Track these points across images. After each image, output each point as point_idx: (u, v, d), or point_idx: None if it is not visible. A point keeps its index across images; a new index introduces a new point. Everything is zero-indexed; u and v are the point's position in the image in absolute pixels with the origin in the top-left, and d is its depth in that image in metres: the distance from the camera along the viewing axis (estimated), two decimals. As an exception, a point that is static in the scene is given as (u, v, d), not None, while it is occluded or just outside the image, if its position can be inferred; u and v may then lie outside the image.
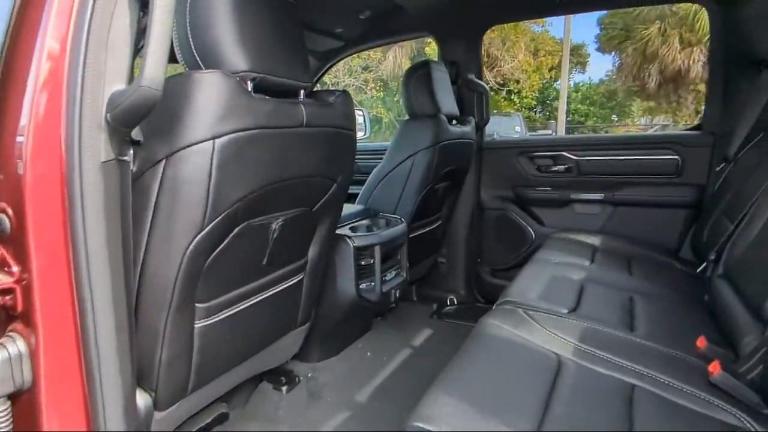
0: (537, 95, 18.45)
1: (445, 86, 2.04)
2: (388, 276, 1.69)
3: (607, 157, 2.18)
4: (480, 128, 2.40)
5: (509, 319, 1.12)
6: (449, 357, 1.01)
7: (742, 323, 1.04)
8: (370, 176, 1.99)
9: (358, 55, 16.14)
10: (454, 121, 2.13)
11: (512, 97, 17.86)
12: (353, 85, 16.29)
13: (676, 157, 2.02)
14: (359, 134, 3.32)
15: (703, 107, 2.06)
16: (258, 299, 1.17)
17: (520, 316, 1.14)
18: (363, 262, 1.53)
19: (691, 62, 14.37)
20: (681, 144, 2.01)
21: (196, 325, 1.01)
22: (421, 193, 1.92)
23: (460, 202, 2.45)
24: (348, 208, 1.84)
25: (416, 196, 1.91)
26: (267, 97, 0.96)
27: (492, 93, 16.94)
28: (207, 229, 0.89)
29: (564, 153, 2.27)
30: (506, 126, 11.89)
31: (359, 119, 3.40)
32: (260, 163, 0.95)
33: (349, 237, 1.51)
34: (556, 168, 2.30)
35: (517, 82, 17.16)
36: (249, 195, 0.94)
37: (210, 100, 0.83)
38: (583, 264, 1.66)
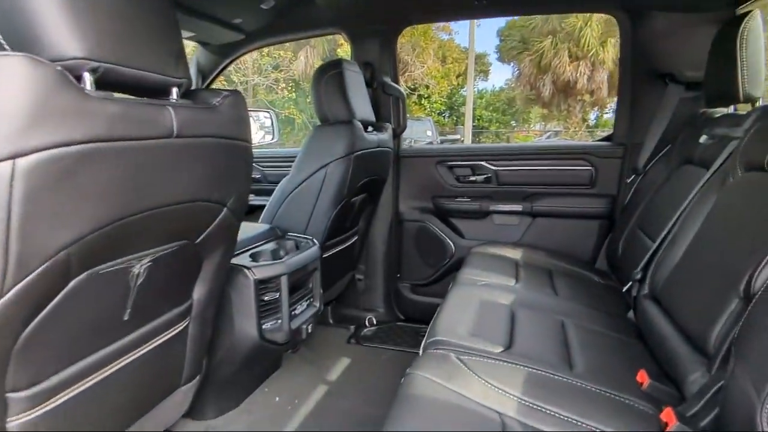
0: (446, 100, 19.15)
1: (360, 89, 1.85)
2: (299, 309, 1.45)
3: (525, 167, 2.13)
4: (397, 135, 2.24)
5: (441, 369, 0.95)
6: (369, 396, 0.80)
7: (683, 355, 0.97)
8: (276, 190, 1.73)
9: (267, 53, 15.47)
10: (370, 128, 1.94)
11: (423, 102, 18.33)
12: (263, 85, 15.57)
13: (590, 168, 2.02)
14: (267, 138, 3.02)
15: (592, 115, 2.09)
16: (120, 365, 0.88)
17: (452, 363, 0.97)
18: (267, 297, 1.27)
19: (578, 75, 15.83)
20: (594, 155, 2.01)
21: (10, 423, 0.70)
22: (336, 207, 1.70)
23: (378, 214, 2.28)
24: (249, 229, 1.56)
25: (330, 211, 1.69)
26: (118, 96, 0.69)
27: (404, 97, 17.26)
28: (9, 295, 0.59)
29: (483, 163, 2.19)
30: (418, 130, 12.06)
31: (266, 122, 3.08)
32: (103, 191, 0.66)
33: (249, 268, 1.24)
34: (474, 178, 2.22)
35: (427, 87, 17.66)
36: (86, 236, 0.66)
37: (9, 97, 0.55)
38: (509, 284, 1.56)
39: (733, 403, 0.74)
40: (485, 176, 2.19)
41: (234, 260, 1.28)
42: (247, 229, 1.56)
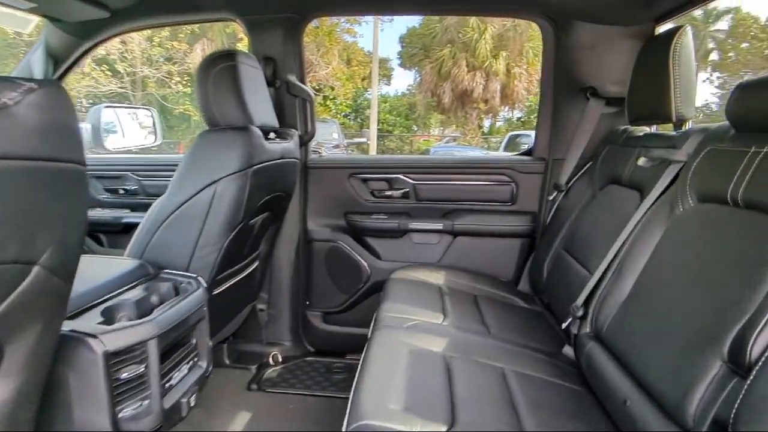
0: (351, 103, 19.08)
1: (259, 88, 1.53)
2: (177, 377, 1.09)
3: (445, 182, 1.97)
4: (305, 143, 1.95)
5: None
6: None
7: (651, 423, 0.82)
8: (148, 214, 1.35)
9: (159, 44, 14.01)
10: (272, 135, 1.63)
11: (328, 103, 18.08)
12: (154, 77, 14.11)
13: (511, 183, 1.92)
14: (149, 140, 2.52)
15: (487, 123, 2.02)
16: None
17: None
18: (125, 374, 0.91)
19: (474, 84, 16.73)
20: (515, 170, 1.91)
21: None
22: (230, 233, 1.37)
23: (283, 234, 1.96)
24: (108, 268, 1.17)
25: (222, 238, 1.35)
26: None
27: (308, 97, 16.82)
28: None
29: (400, 176, 1.98)
30: (324, 132, 11.71)
31: (146, 120, 2.57)
32: None
33: (95, 336, 0.87)
34: (391, 192, 2.01)
35: (332, 88, 17.42)
36: None
37: None
38: (437, 322, 1.36)
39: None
40: (403, 191, 1.99)
41: (74, 323, 0.90)
42: (104, 269, 1.17)
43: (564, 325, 1.25)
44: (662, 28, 1.56)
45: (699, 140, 1.08)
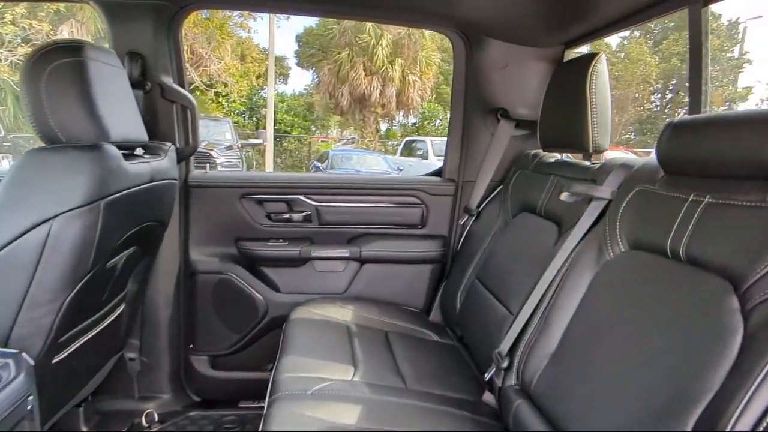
0: (246, 101, 18.12)
1: (120, 93, 1.20)
2: None
3: (352, 204, 1.79)
4: (185, 158, 1.63)
5: None
6: None
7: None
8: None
9: (12, 21, 11.83)
10: (139, 151, 1.31)
11: (221, 100, 16.97)
12: (8, 60, 11.89)
13: (422, 205, 1.80)
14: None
15: (383, 127, 1.93)
16: None
17: None
18: None
19: (371, 88, 16.91)
20: (425, 191, 1.80)
21: None
22: (75, 285, 1.03)
23: (159, 268, 1.63)
24: None
25: (63, 293, 1.01)
26: None
27: (198, 93, 15.60)
28: None
29: (301, 197, 1.76)
30: (215, 131, 10.86)
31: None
32: None
33: None
34: (291, 215, 1.77)
35: (225, 85, 16.38)
36: None
37: None
38: (345, 379, 1.17)
39: None
40: (304, 213, 1.77)
41: None
42: None
43: (487, 376, 1.14)
44: (572, 53, 1.56)
45: (623, 178, 1.04)
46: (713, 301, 0.68)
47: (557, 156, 1.47)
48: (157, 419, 1.66)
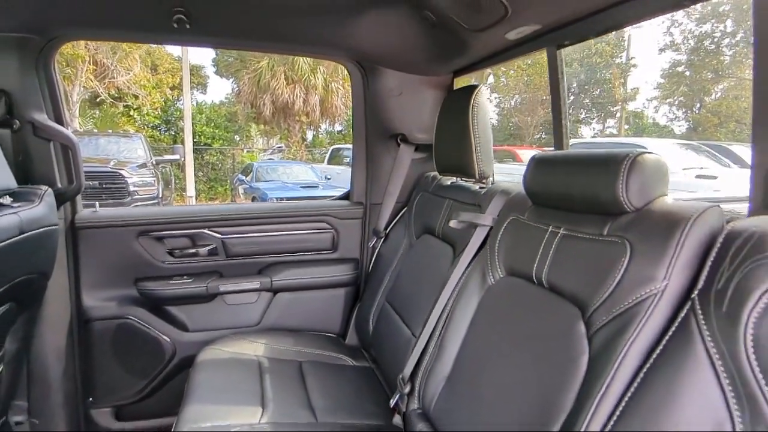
0: (160, 113, 17.10)
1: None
2: None
3: (260, 234, 1.75)
4: (68, 199, 1.51)
5: None
6: None
7: None
8: None
9: None
10: (7, 200, 1.19)
11: (132, 113, 15.90)
12: None
13: (332, 230, 1.81)
14: None
15: (309, 135, 1.95)
16: None
17: None
18: None
19: (294, 97, 16.70)
20: (334, 216, 1.81)
21: None
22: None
23: (45, 320, 1.48)
24: None
25: None
26: None
27: (106, 106, 14.46)
28: None
29: (205, 230, 1.70)
30: (127, 148, 10.09)
31: None
32: None
33: None
34: (195, 249, 1.70)
35: (136, 97, 15.38)
36: None
37: None
38: (253, 422, 1.14)
39: None
40: (209, 247, 1.71)
41: None
42: None
43: (392, 402, 1.17)
44: (461, 80, 1.65)
45: (502, 205, 1.11)
46: (567, 325, 0.75)
47: (453, 179, 1.54)
48: (54, 485, 1.51)
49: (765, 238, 0.54)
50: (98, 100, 14.48)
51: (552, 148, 1.30)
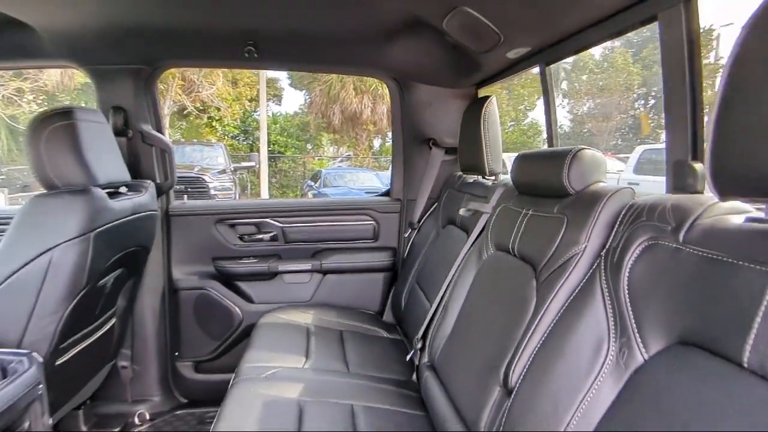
0: (239, 124, 18.47)
1: (104, 143, 1.48)
2: (5, 467, 1.02)
3: (312, 224, 2.07)
4: (164, 192, 1.91)
5: None
6: None
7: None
8: (-32, 288, 1.23)
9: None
10: (123, 189, 1.59)
11: (214, 124, 17.31)
12: (1, 95, 12.28)
13: (373, 222, 2.08)
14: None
15: (376, 143, 2.23)
16: None
17: None
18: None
19: (362, 107, 17.33)
20: (375, 210, 2.08)
21: None
22: (72, 300, 1.30)
23: (145, 286, 1.89)
24: None
25: (62, 306, 1.28)
26: None
27: (192, 118, 15.96)
28: None
29: (268, 220, 2.04)
30: (209, 156, 11.17)
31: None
32: None
33: None
34: (260, 236, 2.05)
35: (218, 109, 16.76)
36: None
37: None
38: (298, 366, 1.43)
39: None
40: (271, 234, 2.05)
41: None
42: None
43: (407, 357, 1.40)
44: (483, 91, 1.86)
45: (499, 196, 1.32)
46: (524, 282, 0.96)
47: (475, 177, 1.75)
48: (148, 418, 1.91)
49: (647, 208, 0.72)
50: (185, 112, 15.95)
51: (627, 155, 1.48)
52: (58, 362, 1.34)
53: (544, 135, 1.52)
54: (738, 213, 0.63)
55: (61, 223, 1.25)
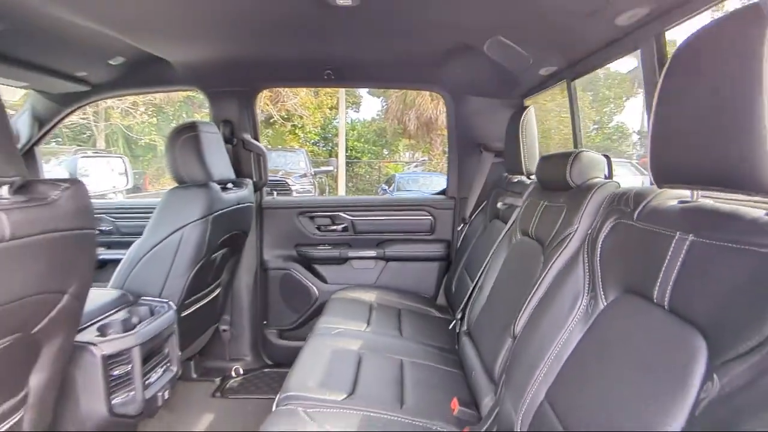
0: (320, 131, 19.51)
1: (218, 149, 1.92)
2: (154, 377, 1.44)
3: (378, 218, 2.40)
4: (259, 188, 2.34)
5: (289, 423, 1.08)
6: None
7: (482, 384, 1.24)
8: (128, 253, 1.70)
9: (123, 75, 14.13)
10: (230, 185, 2.02)
11: (297, 132, 18.41)
12: (119, 108, 14.25)
13: (430, 217, 2.36)
14: (121, 183, 2.87)
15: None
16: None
17: (299, 417, 1.11)
18: (116, 372, 1.26)
19: (438, 113, 17.56)
20: (432, 207, 2.36)
21: None
22: (194, 267, 1.73)
23: (242, 265, 2.33)
24: (97, 297, 1.51)
25: (188, 271, 1.71)
26: None
27: (277, 126, 17.21)
28: None
29: (341, 213, 2.40)
30: (292, 161, 12.07)
31: (119, 167, 2.93)
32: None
33: (95, 344, 1.23)
34: (334, 227, 2.41)
35: (301, 117, 17.83)
36: None
37: None
38: (359, 329, 1.75)
39: (502, 419, 1.01)
40: (343, 225, 2.41)
41: (78, 336, 1.25)
42: (95, 298, 1.51)
43: (450, 325, 1.67)
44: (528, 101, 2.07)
45: (529, 191, 1.54)
46: (535, 258, 1.19)
47: (520, 177, 1.96)
48: (242, 373, 2.34)
49: (618, 196, 0.94)
50: (271, 120, 17.19)
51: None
52: (183, 314, 1.78)
53: (634, 138, 1.72)
54: (677, 198, 0.84)
55: (189, 208, 1.68)
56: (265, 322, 2.44)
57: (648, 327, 0.73)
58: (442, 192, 2.44)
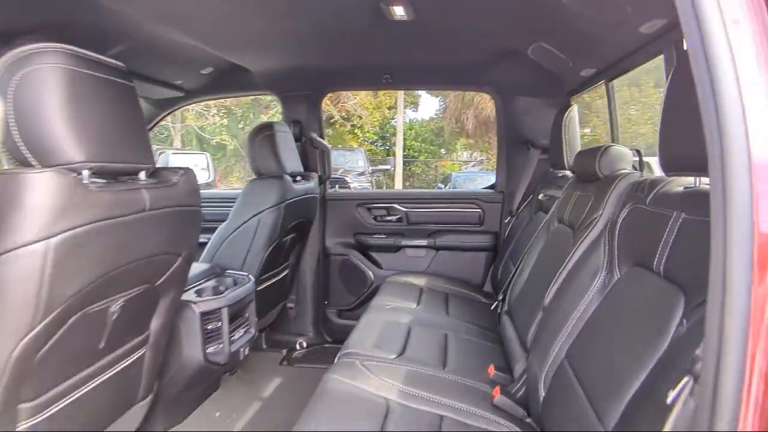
0: (378, 130, 19.86)
1: (289, 146, 2.20)
2: (236, 335, 1.73)
3: (430, 209, 2.58)
4: (323, 182, 2.61)
5: (348, 372, 1.30)
6: (299, 406, 1.12)
7: (515, 351, 1.40)
8: (216, 233, 2.01)
9: (198, 81, 15.32)
10: (298, 178, 2.29)
11: (356, 131, 18.85)
12: (193, 110, 15.41)
13: (479, 210, 2.52)
14: (203, 177, 3.27)
15: None
16: (93, 384, 1.13)
17: (357, 368, 1.33)
18: (210, 326, 1.55)
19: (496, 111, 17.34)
20: (481, 200, 2.51)
21: (18, 428, 0.94)
22: (269, 248, 2.01)
23: (307, 250, 2.61)
24: (194, 268, 1.83)
25: (263, 251, 1.99)
26: (105, 184, 0.97)
27: (337, 126, 17.78)
28: (38, 328, 0.86)
29: (396, 205, 2.61)
30: (351, 160, 12.49)
31: (202, 163, 3.33)
32: (99, 254, 0.95)
33: (195, 302, 1.52)
34: (389, 218, 2.63)
35: (360, 117, 18.25)
36: (86, 287, 0.94)
37: (42, 201, 0.82)
38: (410, 307, 1.95)
39: (530, 380, 1.17)
40: (398, 216, 2.62)
41: (182, 296, 1.55)
42: (192, 269, 1.83)
43: (492, 307, 1.82)
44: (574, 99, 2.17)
45: (567, 185, 1.67)
46: (566, 241, 1.33)
47: (564, 172, 2.07)
48: (305, 347, 2.62)
49: (637, 184, 1.06)
50: (332, 120, 17.74)
51: None
52: (259, 288, 2.07)
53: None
54: (685, 185, 0.96)
55: (265, 197, 1.96)
56: (326, 302, 2.70)
57: (646, 292, 0.87)
58: (492, 186, 2.58)
